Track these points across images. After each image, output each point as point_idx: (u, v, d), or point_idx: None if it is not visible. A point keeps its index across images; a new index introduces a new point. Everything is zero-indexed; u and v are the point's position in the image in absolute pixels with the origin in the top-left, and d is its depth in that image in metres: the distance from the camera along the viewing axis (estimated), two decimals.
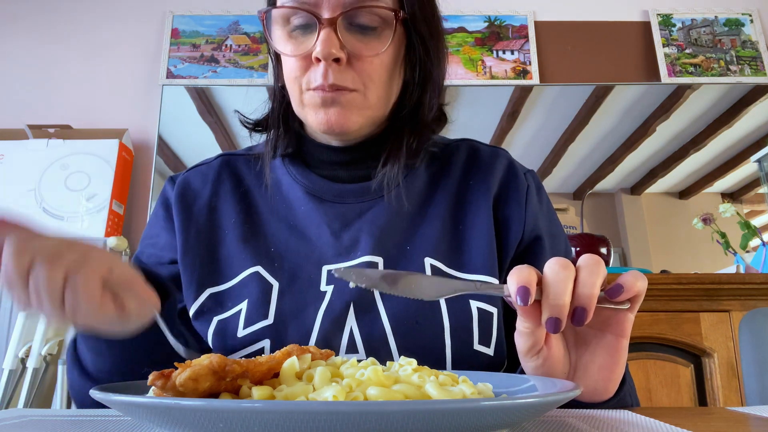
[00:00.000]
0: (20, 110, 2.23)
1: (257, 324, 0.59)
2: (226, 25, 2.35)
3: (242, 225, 0.66)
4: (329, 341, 0.58)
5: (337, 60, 0.58)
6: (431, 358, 0.57)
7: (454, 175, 0.69)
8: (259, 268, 0.63)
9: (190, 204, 0.68)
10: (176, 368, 0.33)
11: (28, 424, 0.41)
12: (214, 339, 0.61)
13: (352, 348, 0.58)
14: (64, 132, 2.12)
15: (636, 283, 0.44)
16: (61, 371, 1.47)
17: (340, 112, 0.60)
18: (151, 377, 0.32)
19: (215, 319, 0.62)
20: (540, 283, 0.44)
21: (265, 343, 0.58)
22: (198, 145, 2.24)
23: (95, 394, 0.32)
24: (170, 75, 2.26)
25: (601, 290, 0.44)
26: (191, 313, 0.64)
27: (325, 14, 0.58)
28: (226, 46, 2.31)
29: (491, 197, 0.67)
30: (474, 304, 0.61)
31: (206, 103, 2.24)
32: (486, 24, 2.36)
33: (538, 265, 0.66)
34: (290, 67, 0.62)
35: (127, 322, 0.48)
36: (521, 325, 0.46)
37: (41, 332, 1.46)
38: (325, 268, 0.62)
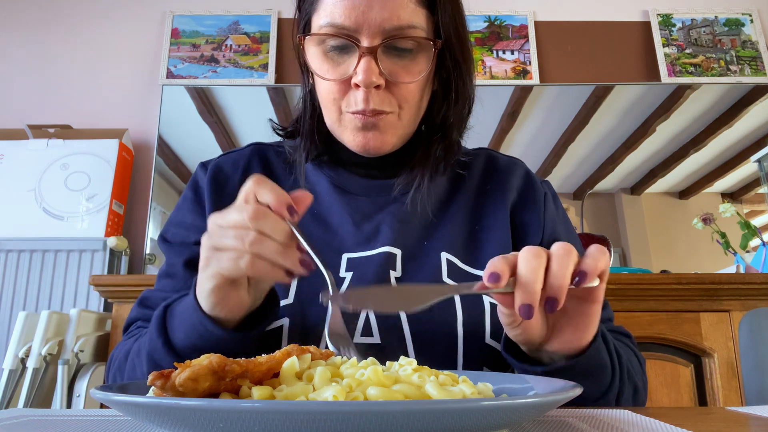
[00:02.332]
0: (20, 110, 2.23)
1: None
2: (226, 25, 2.35)
3: None
4: (346, 323, 0.60)
5: (377, 86, 0.60)
6: (443, 349, 0.60)
7: (472, 180, 0.72)
8: None
9: (222, 186, 0.71)
10: (176, 368, 0.33)
11: (28, 424, 0.41)
12: None
13: (367, 332, 0.60)
14: (64, 132, 2.12)
15: (598, 265, 0.45)
16: (61, 371, 1.46)
17: (377, 136, 0.63)
18: (150, 377, 0.32)
19: None
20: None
21: (285, 322, 0.60)
22: (198, 145, 2.24)
23: (95, 394, 0.32)
24: (170, 75, 2.26)
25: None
26: None
27: (365, 42, 0.59)
28: (226, 46, 2.31)
29: (508, 203, 0.70)
30: (487, 299, 0.63)
31: (206, 103, 2.24)
32: (486, 24, 2.36)
33: None
34: (327, 88, 0.63)
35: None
36: (500, 308, 0.49)
37: (41, 332, 1.46)
38: (344, 256, 0.64)
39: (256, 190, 0.49)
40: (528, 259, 0.45)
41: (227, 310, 0.51)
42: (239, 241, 0.46)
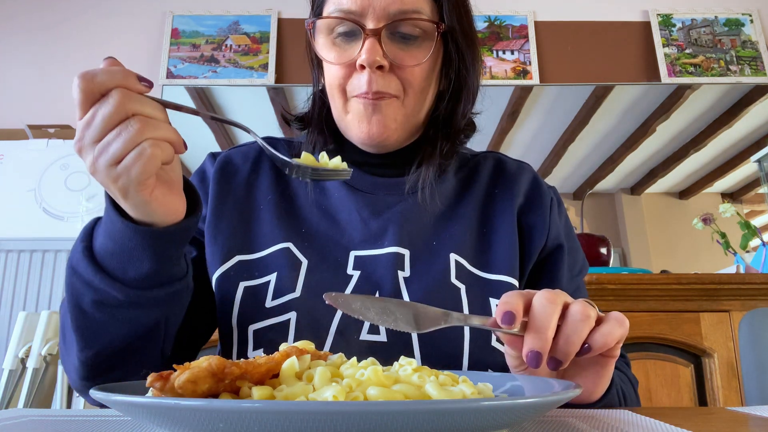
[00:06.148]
0: (20, 110, 2.23)
1: (285, 296, 0.61)
2: (226, 25, 2.35)
3: (277, 203, 0.69)
4: (354, 320, 0.59)
5: (380, 67, 0.61)
6: (449, 350, 0.60)
7: (481, 183, 0.73)
8: (290, 245, 0.65)
9: (230, 177, 0.71)
10: (175, 370, 0.33)
11: (28, 424, 0.41)
12: (242, 306, 0.63)
13: (374, 329, 0.60)
14: (64, 132, 2.12)
15: (607, 341, 0.44)
16: (61, 371, 1.46)
17: (380, 121, 0.63)
18: (149, 378, 0.32)
19: (242, 285, 0.64)
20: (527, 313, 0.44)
21: (292, 315, 0.60)
22: (198, 145, 2.23)
23: (95, 394, 0.32)
24: (170, 75, 2.26)
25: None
26: (217, 275, 0.65)
27: (370, 25, 0.61)
28: (226, 46, 2.31)
29: (515, 206, 0.70)
30: (494, 302, 0.63)
31: (206, 103, 2.24)
32: (486, 24, 2.36)
33: (557, 273, 0.69)
34: (333, 74, 0.64)
35: (150, 212, 0.47)
36: (507, 350, 0.47)
37: (41, 332, 1.46)
38: (352, 253, 0.65)
39: (93, 79, 0.42)
40: (543, 304, 0.43)
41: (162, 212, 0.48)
42: (127, 133, 0.42)
